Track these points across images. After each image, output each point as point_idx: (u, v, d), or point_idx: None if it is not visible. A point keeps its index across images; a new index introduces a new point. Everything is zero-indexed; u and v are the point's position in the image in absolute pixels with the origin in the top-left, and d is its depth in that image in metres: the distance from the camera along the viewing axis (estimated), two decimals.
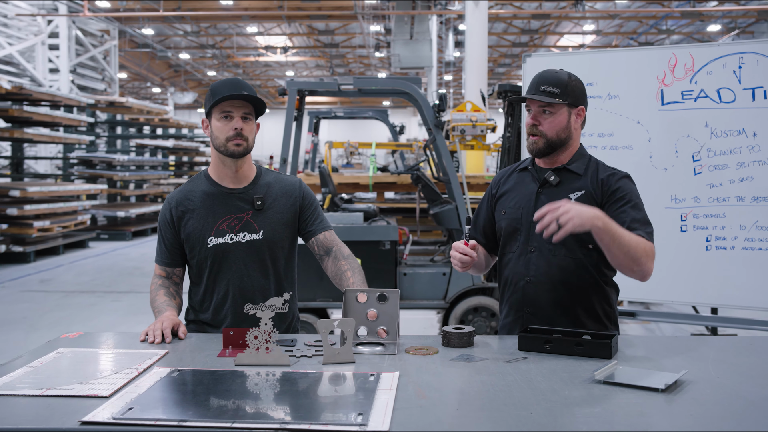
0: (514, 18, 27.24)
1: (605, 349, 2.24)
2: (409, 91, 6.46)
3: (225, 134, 2.61)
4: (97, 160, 15.65)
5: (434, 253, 7.48)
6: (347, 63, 36.02)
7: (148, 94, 39.65)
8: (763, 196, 3.73)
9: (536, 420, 1.69)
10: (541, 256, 2.58)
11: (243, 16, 25.35)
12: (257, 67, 37.25)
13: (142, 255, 13.19)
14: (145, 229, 16.33)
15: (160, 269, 2.78)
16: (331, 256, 2.76)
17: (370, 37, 26.91)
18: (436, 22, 23.00)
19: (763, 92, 3.72)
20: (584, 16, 24.82)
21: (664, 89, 3.91)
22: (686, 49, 3.90)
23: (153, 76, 34.01)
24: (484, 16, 13.87)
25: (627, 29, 28.50)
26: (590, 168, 2.61)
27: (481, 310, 6.36)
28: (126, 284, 10.12)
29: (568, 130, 2.58)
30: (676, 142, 3.89)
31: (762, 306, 3.81)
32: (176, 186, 20.46)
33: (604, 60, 4.10)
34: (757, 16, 25.07)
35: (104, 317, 7.92)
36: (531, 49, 32.26)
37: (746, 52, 3.76)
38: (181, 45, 31.52)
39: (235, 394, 1.88)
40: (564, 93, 2.55)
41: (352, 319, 2.24)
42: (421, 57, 21.15)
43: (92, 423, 1.66)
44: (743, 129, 3.75)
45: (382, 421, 1.65)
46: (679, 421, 1.69)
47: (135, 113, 16.92)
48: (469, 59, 13.77)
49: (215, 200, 2.69)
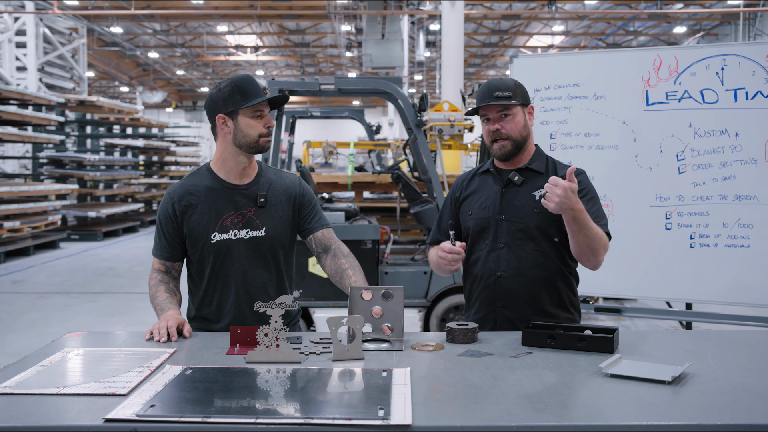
0: (484, 18, 27.43)
1: (608, 344, 2.29)
2: (390, 90, 6.49)
3: (257, 131, 2.66)
4: (67, 159, 15.44)
5: (414, 252, 7.52)
6: (317, 63, 35.96)
7: (116, 93, 39.17)
8: (745, 194, 3.83)
9: (552, 412, 1.73)
10: (511, 251, 2.71)
11: (213, 15, 25.20)
12: (227, 66, 37.01)
13: (115, 255, 13.05)
14: (116, 229, 16.15)
15: (159, 263, 2.76)
16: (330, 254, 2.79)
17: (342, 37, 26.91)
18: (408, 22, 23.08)
19: (745, 93, 3.82)
20: (553, 17, 25.07)
21: (649, 90, 3.99)
22: (670, 51, 3.99)
23: (121, 75, 33.62)
24: (461, 17, 13.96)
25: (595, 30, 28.84)
26: (549, 166, 2.78)
27: (462, 308, 6.41)
28: (100, 285, 10.02)
29: (527, 129, 2.75)
30: (661, 141, 3.97)
31: (745, 302, 3.90)
32: (147, 186, 20.38)
33: (590, 61, 4.18)
34: (721, 19, 25.56)
35: (81, 318, 7.83)
36: (501, 49, 32.51)
37: (728, 54, 3.85)
38: (150, 44, 31.22)
39: (252, 390, 1.90)
40: (515, 95, 2.70)
41: (360, 316, 2.26)
42: (392, 57, 21.21)
43: (116, 420, 1.66)
44: (726, 129, 3.85)
45: (404, 415, 1.68)
46: (691, 411, 1.75)
47: (106, 112, 16.73)
48: (445, 59, 13.84)
49: (219, 196, 2.70)
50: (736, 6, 22.71)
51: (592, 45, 29.67)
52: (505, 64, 36.88)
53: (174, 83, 40.37)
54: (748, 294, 3.86)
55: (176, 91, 42.87)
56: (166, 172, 22.28)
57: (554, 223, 2.64)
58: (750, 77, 3.81)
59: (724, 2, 23.18)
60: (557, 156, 4.05)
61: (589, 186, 2.70)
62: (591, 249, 2.55)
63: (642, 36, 28.32)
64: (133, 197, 20.06)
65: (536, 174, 2.74)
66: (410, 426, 1.64)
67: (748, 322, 3.99)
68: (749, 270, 3.84)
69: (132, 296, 9.26)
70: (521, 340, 2.40)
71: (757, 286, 3.84)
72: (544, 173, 2.73)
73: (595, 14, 24.84)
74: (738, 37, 24.27)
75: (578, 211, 2.48)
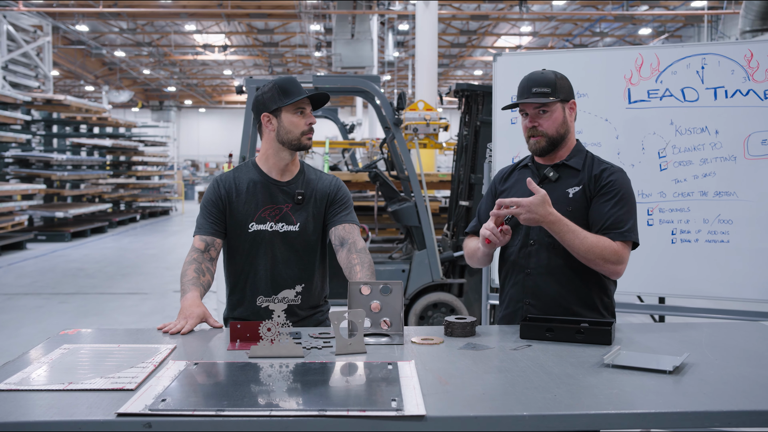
0: (453, 19, 27.57)
1: (605, 336, 2.33)
2: (369, 89, 6.51)
3: (300, 129, 2.80)
4: (34, 159, 15.20)
5: (392, 250, 7.54)
6: (286, 62, 35.83)
7: (81, 93, 38.62)
8: (725, 190, 3.90)
9: (561, 402, 1.76)
10: (541, 249, 2.65)
11: (181, 14, 24.98)
12: (194, 66, 36.73)
13: (85, 256, 12.88)
14: (84, 230, 15.94)
15: (199, 240, 2.81)
16: (345, 248, 2.81)
17: (311, 37, 26.84)
18: (377, 22, 23.11)
19: (725, 92, 3.89)
20: (522, 18, 25.29)
21: (631, 88, 4.05)
22: (652, 50, 4.05)
23: (87, 74, 33.14)
24: (434, 16, 14.03)
25: (562, 31, 29.16)
26: (587, 163, 2.69)
27: (441, 305, 6.45)
28: (71, 286, 9.88)
29: (565, 125, 2.68)
30: (643, 139, 4.03)
31: (724, 296, 3.98)
32: (115, 186, 20.15)
33: (573, 60, 4.23)
34: (685, 21, 26.02)
35: (54, 319, 7.71)
36: (469, 49, 32.71)
37: (708, 53, 3.92)
38: (116, 42, 30.84)
39: (261, 384, 1.90)
40: (555, 91, 2.64)
41: (362, 310, 2.27)
42: (362, 57, 21.21)
43: (128, 414, 1.65)
44: (706, 127, 3.92)
45: (417, 406, 1.69)
46: (696, 400, 1.78)
47: (73, 111, 16.51)
48: (419, 58, 13.90)
49: (260, 188, 2.85)
50: (700, 9, 23.15)
51: (559, 46, 29.98)
52: (474, 64, 37.13)
53: (140, 82, 39.92)
54: (729, 288, 3.93)
55: (143, 90, 42.41)
56: (134, 172, 22.04)
57: (586, 223, 2.58)
58: (729, 76, 3.88)
59: (687, 5, 23.61)
60: None
61: (619, 187, 2.60)
62: (586, 259, 2.52)
63: (608, 37, 28.70)
64: (101, 197, 19.82)
65: (573, 171, 2.67)
66: (425, 416, 1.65)
67: (727, 316, 4.06)
68: (729, 264, 3.91)
69: (105, 297, 9.16)
70: (519, 333, 2.42)
71: (736, 279, 3.91)
72: (581, 170, 2.66)
73: (563, 15, 25.13)
74: (701, 39, 24.69)
75: (551, 223, 2.48)
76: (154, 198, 24.04)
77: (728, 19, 22.71)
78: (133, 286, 9.94)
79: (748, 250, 3.86)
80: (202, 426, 1.64)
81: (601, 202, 2.60)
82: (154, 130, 26.89)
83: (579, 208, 2.60)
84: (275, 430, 1.65)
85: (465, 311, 6.37)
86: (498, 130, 4.41)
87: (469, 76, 38.85)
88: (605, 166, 2.67)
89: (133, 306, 8.58)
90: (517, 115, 4.35)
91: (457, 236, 6.71)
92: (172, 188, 26.67)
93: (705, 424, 1.72)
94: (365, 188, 9.62)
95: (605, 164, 2.68)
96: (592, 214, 2.60)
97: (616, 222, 2.56)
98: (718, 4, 22.48)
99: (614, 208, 2.57)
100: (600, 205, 2.60)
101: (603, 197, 2.61)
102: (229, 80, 40.25)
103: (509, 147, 4.35)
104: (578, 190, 2.63)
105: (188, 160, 44.14)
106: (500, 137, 4.41)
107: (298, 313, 2.84)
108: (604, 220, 2.56)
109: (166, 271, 11.24)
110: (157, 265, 12.03)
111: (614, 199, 2.59)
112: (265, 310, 2.65)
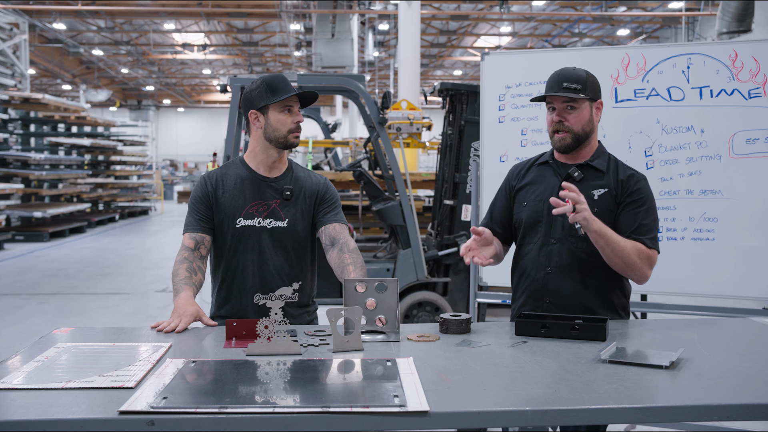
0: (432, 19, 27.60)
1: (600, 332, 2.35)
2: (353, 88, 6.50)
3: (287, 127, 2.80)
4: (11, 158, 15.02)
5: (376, 249, 7.55)
6: (265, 62, 35.67)
7: (58, 91, 38.22)
8: (710, 189, 3.94)
9: (563, 396, 1.77)
10: (563, 248, 2.65)
11: (160, 13, 24.78)
12: (173, 65, 36.46)
13: (64, 256, 12.75)
14: (63, 230, 15.76)
15: (189, 239, 2.80)
16: (336, 248, 2.80)
17: (291, 36, 26.76)
18: (357, 22, 23.10)
19: (710, 91, 3.93)
20: (501, 18, 25.39)
21: (617, 87, 4.08)
22: (638, 49, 4.08)
23: (64, 73, 32.79)
24: (417, 16, 14.06)
25: (542, 32, 29.30)
26: (611, 166, 2.70)
27: (425, 304, 6.46)
28: (51, 286, 9.78)
29: (591, 124, 2.68)
30: (630, 138, 4.06)
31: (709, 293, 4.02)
32: (93, 186, 19.95)
33: (560, 59, 4.24)
34: (662, 23, 26.25)
35: (35, 320, 7.63)
36: (449, 50, 32.77)
37: (694, 53, 3.96)
38: (94, 41, 30.52)
39: (261, 381, 1.89)
40: (585, 88, 2.65)
41: (359, 308, 2.27)
42: (342, 56, 21.22)
43: (130, 412, 1.64)
44: (692, 126, 3.95)
45: (419, 402, 1.70)
46: (694, 394, 1.81)
47: (51, 110, 16.33)
48: (402, 58, 13.92)
49: (248, 184, 2.84)
50: (677, 10, 23.37)
51: (538, 46, 30.12)
52: (453, 64, 37.20)
53: (118, 81, 39.57)
54: (711, 285, 3.98)
55: (121, 89, 42.04)
56: (113, 171, 21.84)
57: (610, 225, 2.56)
58: (714, 76, 3.92)
59: (665, 6, 23.83)
60: (528, 152, 4.12)
61: (646, 195, 2.65)
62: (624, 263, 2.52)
63: (587, 38, 28.88)
64: (80, 197, 19.61)
65: (597, 172, 2.67)
66: (428, 412, 1.66)
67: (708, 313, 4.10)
68: (713, 262, 3.95)
69: (85, 297, 9.07)
70: (515, 329, 2.44)
71: (719, 277, 3.95)
72: (606, 172, 2.67)
73: (542, 16, 25.26)
74: (678, 40, 24.93)
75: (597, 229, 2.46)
76: (133, 198, 23.84)
77: (705, 21, 22.97)
78: (114, 286, 9.85)
79: (732, 247, 3.90)
80: (205, 423, 1.63)
81: (632, 210, 2.62)
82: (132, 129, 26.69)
83: (604, 211, 2.60)
84: (278, 427, 1.64)
85: (450, 310, 6.39)
86: (485, 129, 4.42)
87: (448, 76, 38.90)
88: (631, 171, 2.69)
89: (114, 306, 8.51)
90: (504, 114, 4.37)
91: (441, 235, 6.72)
92: (151, 188, 26.48)
93: (704, 418, 1.74)
94: (348, 187, 9.60)
95: (630, 170, 2.70)
96: (622, 220, 2.61)
97: (648, 230, 2.60)
98: (695, 5, 22.71)
99: (645, 216, 2.61)
100: (631, 213, 2.62)
101: (632, 205, 2.63)
102: (209, 80, 40.03)
103: (496, 146, 4.37)
104: (604, 193, 2.64)
105: (167, 160, 43.86)
106: (487, 136, 4.42)
107: (287, 311, 2.83)
108: (635, 227, 2.59)
109: (146, 271, 11.15)
110: (138, 265, 11.93)
111: (644, 207, 2.63)
112: (254, 308, 2.67)
